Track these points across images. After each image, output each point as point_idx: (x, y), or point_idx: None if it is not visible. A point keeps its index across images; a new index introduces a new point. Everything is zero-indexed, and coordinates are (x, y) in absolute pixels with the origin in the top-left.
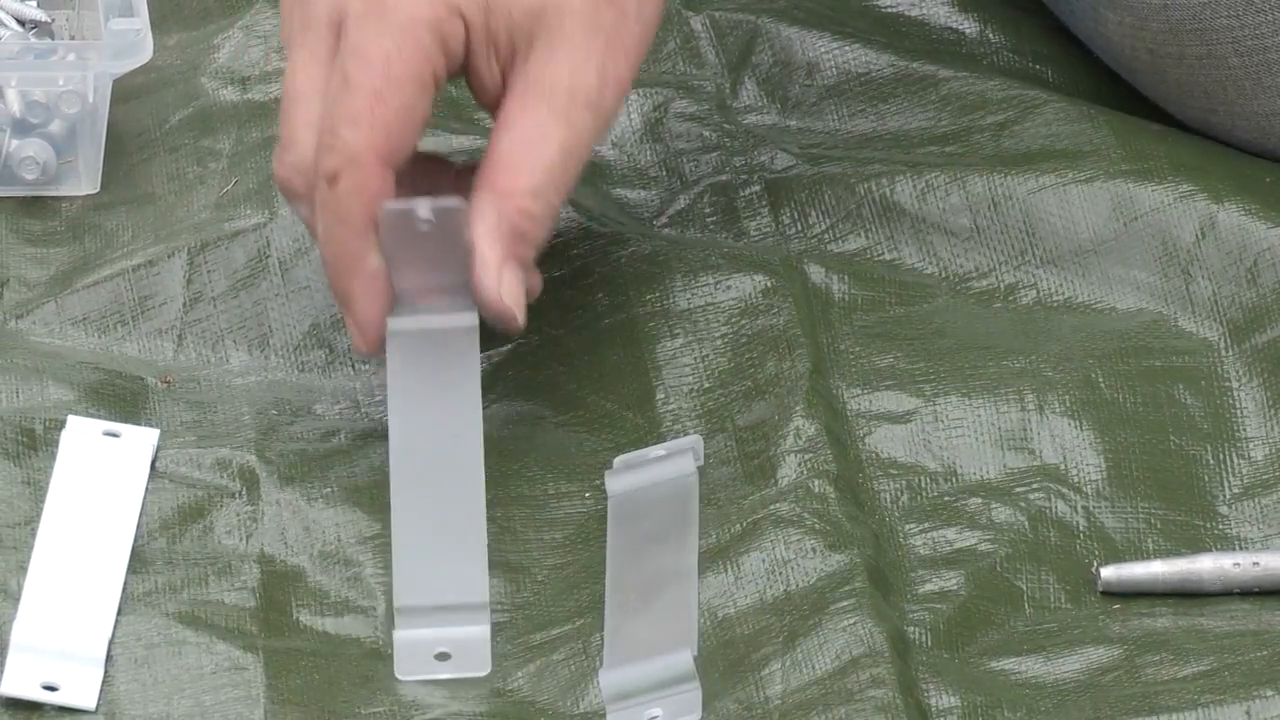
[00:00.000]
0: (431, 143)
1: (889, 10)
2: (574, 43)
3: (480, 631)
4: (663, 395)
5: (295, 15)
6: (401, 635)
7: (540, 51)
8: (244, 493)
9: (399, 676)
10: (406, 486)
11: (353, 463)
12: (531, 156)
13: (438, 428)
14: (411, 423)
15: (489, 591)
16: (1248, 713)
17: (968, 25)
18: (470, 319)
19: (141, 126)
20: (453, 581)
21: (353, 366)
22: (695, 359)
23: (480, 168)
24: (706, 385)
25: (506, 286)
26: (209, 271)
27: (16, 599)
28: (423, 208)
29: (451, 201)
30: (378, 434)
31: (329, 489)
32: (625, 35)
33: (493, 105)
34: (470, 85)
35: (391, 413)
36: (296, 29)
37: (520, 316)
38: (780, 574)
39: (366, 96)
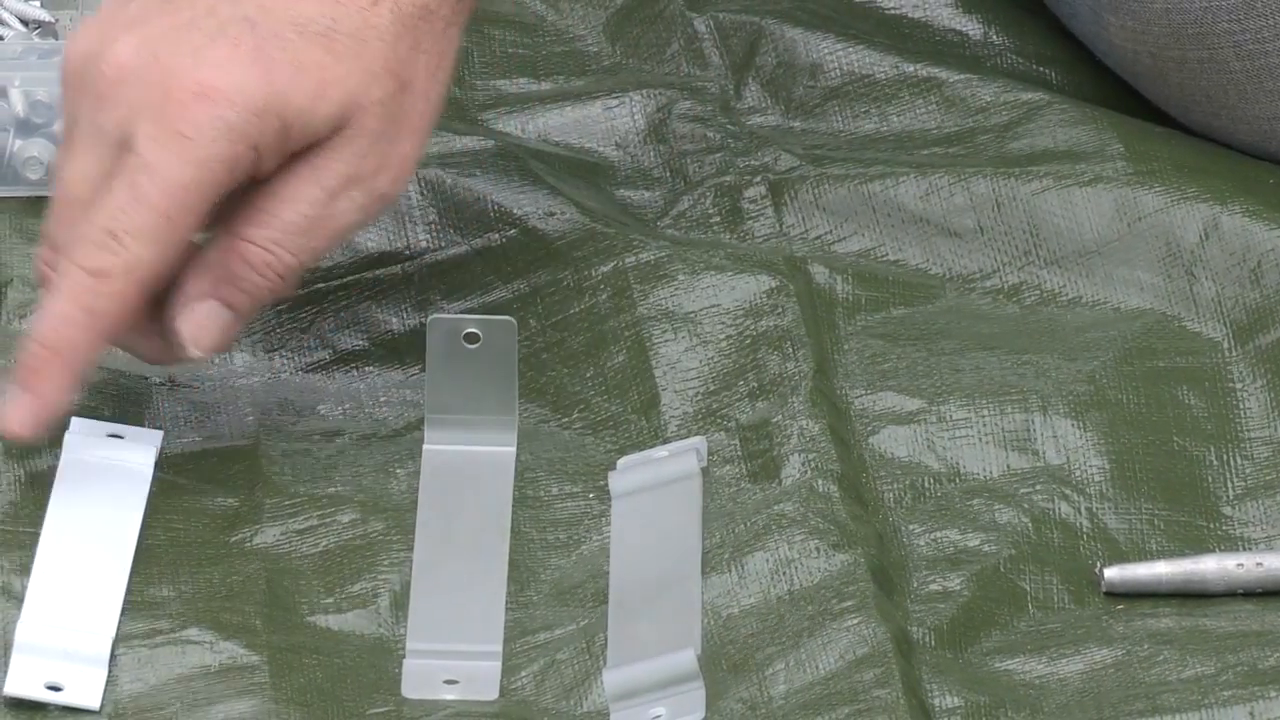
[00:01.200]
0: (436, 144)
1: (892, 12)
2: (367, 134)
3: (491, 667)
4: (666, 396)
5: (83, 117)
6: (411, 663)
7: (331, 146)
8: (248, 492)
9: (406, 695)
10: (430, 551)
11: (356, 463)
12: (278, 211)
13: (467, 524)
14: (438, 523)
15: (502, 639)
16: (1251, 713)
17: (971, 27)
18: (509, 448)
19: None
20: (468, 631)
21: (356, 368)
22: (699, 360)
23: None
24: (710, 386)
25: (191, 318)
26: None
27: (20, 599)
28: (472, 320)
29: (502, 318)
30: (381, 435)
31: (333, 489)
32: (415, 116)
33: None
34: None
35: (421, 508)
36: (83, 131)
37: (193, 351)
38: (784, 574)
39: (158, 217)
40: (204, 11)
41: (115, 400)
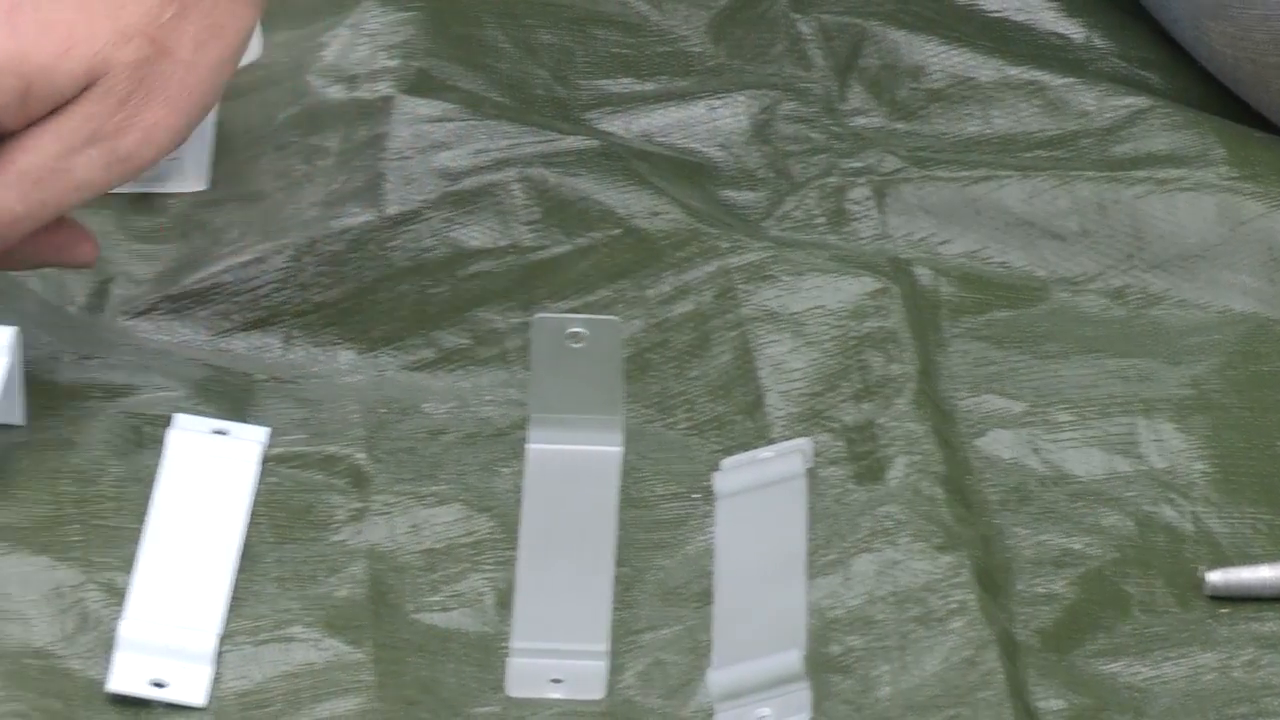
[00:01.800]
0: (541, 143)
1: (995, 15)
2: (115, 93)
3: (597, 666)
4: (771, 397)
5: None
6: (516, 662)
7: (76, 103)
8: (353, 490)
9: (510, 693)
10: (535, 550)
11: (461, 461)
12: (13, 158)
13: (572, 523)
14: (543, 522)
15: (608, 638)
16: None
17: (1073, 31)
18: (615, 448)
19: (250, 124)
20: (574, 630)
21: (461, 367)
22: (803, 361)
23: None
24: (815, 387)
25: None
26: (316, 269)
27: (125, 596)
28: (576, 320)
29: (607, 317)
30: (485, 434)
31: (438, 487)
32: (174, 84)
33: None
34: None
35: (525, 507)
36: None
37: None
38: (888, 575)
39: None
40: None
41: (220, 397)
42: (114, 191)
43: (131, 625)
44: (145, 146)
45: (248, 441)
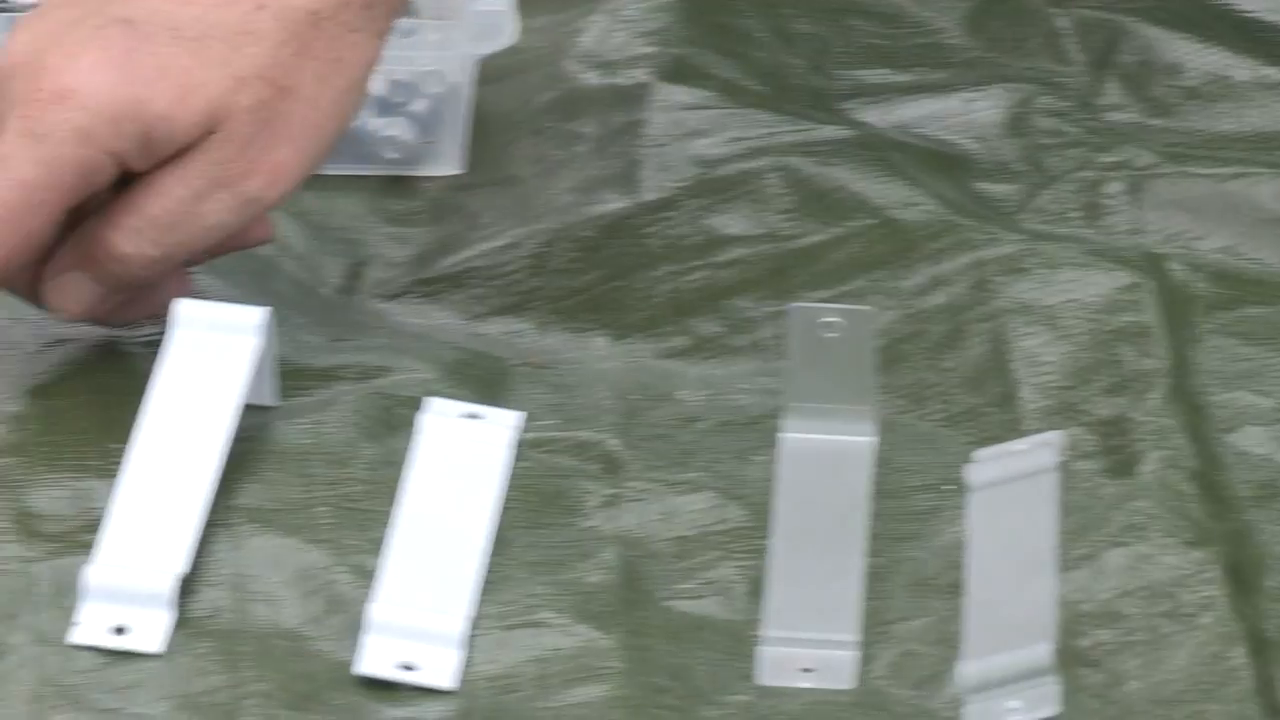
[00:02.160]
0: (796, 132)
1: (1248, 15)
2: (238, 137)
3: (848, 656)
4: (1024, 390)
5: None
6: (767, 650)
7: (199, 149)
8: (605, 476)
9: (761, 682)
10: (787, 539)
11: (715, 450)
12: (144, 204)
13: (824, 512)
14: (795, 511)
15: (859, 628)
16: None
17: None
18: (867, 438)
19: (506, 108)
20: (825, 619)
21: (715, 354)
22: (1057, 354)
23: None
24: (1067, 380)
25: (56, 287)
26: (570, 255)
27: (374, 578)
28: (831, 310)
29: (862, 307)
30: (739, 421)
31: (691, 474)
32: (296, 123)
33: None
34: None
35: (778, 496)
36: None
37: (61, 315)
38: (1139, 570)
39: (3, 209)
40: (93, 10)
41: (475, 381)
42: (369, 174)
43: (381, 608)
44: (272, 187)
45: (500, 426)
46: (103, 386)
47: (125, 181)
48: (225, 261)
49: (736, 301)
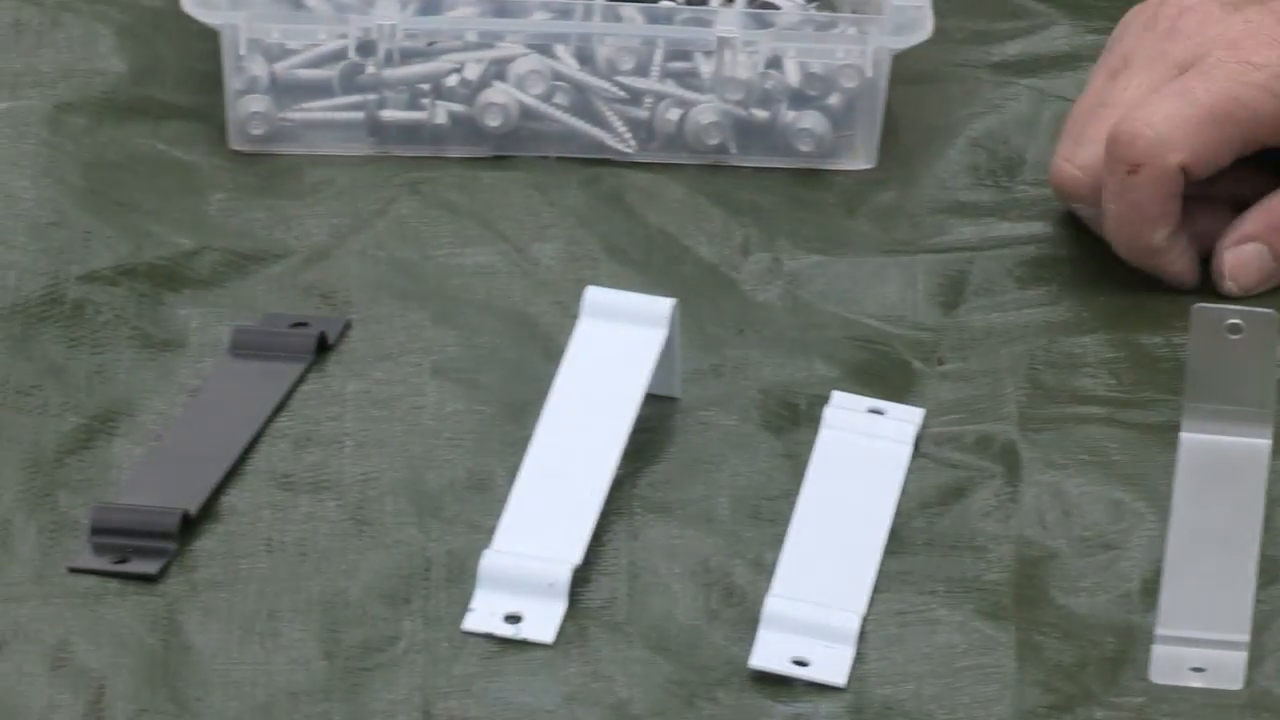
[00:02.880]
0: None
1: None
2: None
3: (1237, 656)
4: None
5: (1145, 47)
6: (1160, 649)
7: None
8: (1004, 474)
9: (1153, 680)
10: (1183, 537)
11: (1112, 446)
12: None
13: (1221, 513)
14: (1193, 510)
15: (1249, 629)
16: None
17: None
18: (1263, 441)
19: (918, 107)
20: (1217, 619)
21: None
22: None
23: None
24: None
25: (1235, 255)
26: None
27: (770, 573)
28: (1235, 311)
29: (1264, 311)
30: (1136, 422)
31: (1090, 472)
32: None
33: None
34: None
35: (1177, 494)
36: (1145, 57)
37: (1228, 285)
38: None
39: (1197, 118)
40: None
41: (878, 378)
42: (780, 166)
43: (777, 602)
44: None
45: (903, 422)
46: (514, 370)
47: None
48: (636, 246)
49: None
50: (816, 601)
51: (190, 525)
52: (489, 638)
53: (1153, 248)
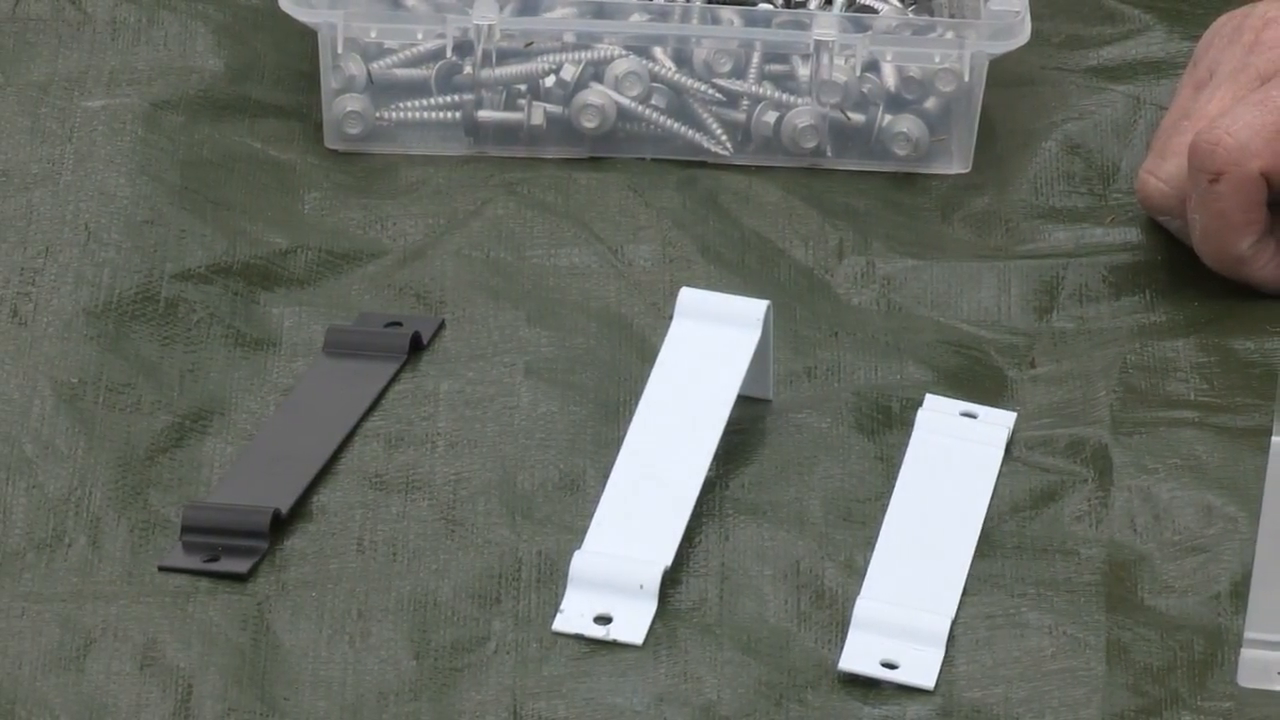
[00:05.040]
0: None
1: None
2: None
3: None
4: None
5: (1229, 60)
6: (1248, 653)
7: None
8: (1096, 477)
9: (1241, 684)
10: (1273, 539)
11: (1202, 450)
12: None
13: None
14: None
15: None
16: None
17: None
18: None
19: (1012, 110)
20: None
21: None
22: None
23: None
24: None
25: None
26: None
27: (861, 575)
28: None
29: None
30: (1227, 427)
31: (1181, 475)
32: None
33: None
34: None
35: (1266, 497)
36: (1228, 70)
37: None
38: None
39: (1277, 126)
40: None
41: (971, 381)
42: (876, 169)
43: (867, 605)
44: None
45: (995, 426)
46: (607, 371)
47: None
48: (731, 248)
49: None
50: (906, 604)
51: (281, 524)
52: (579, 639)
53: (1239, 256)
